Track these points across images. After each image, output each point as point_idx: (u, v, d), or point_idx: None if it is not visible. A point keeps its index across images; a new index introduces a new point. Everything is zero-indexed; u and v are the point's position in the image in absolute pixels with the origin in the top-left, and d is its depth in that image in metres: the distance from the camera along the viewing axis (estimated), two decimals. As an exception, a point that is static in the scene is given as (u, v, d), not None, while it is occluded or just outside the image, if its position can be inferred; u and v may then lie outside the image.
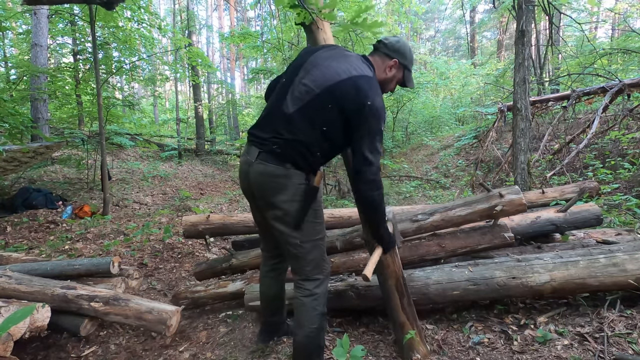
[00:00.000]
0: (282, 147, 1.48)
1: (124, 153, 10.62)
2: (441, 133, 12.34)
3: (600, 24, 13.73)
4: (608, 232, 2.75)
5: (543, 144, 5.96)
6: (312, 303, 1.60)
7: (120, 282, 2.71)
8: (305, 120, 1.47)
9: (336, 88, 1.45)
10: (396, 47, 1.62)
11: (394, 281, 1.75)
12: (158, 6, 23.88)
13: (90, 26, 5.58)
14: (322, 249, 1.65)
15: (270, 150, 1.50)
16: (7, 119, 5.09)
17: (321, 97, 1.46)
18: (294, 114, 1.48)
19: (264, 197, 1.56)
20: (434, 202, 6.20)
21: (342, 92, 1.44)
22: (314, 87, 1.47)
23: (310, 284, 1.62)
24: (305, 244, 1.57)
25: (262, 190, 1.55)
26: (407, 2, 9.08)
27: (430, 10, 23.29)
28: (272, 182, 1.51)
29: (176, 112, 13.62)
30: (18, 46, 12.42)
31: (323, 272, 1.65)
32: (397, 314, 1.76)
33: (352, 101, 1.44)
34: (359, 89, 1.44)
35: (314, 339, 1.61)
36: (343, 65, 1.49)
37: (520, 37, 4.45)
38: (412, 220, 2.33)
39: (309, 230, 1.56)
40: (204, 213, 3.04)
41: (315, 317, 1.60)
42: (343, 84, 1.45)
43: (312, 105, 1.47)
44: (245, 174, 1.61)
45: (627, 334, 1.67)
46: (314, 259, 1.61)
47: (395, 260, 1.76)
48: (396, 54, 1.61)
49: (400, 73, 1.66)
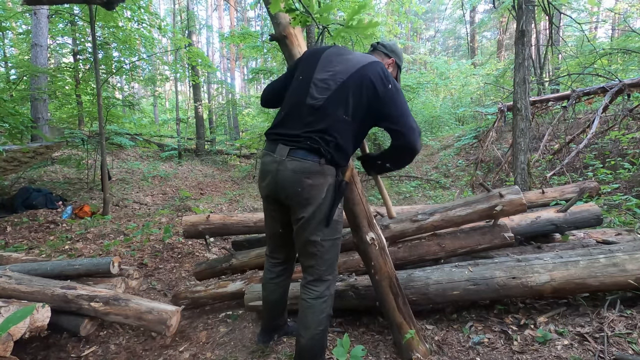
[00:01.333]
0: (315, 141, 1.48)
1: (124, 153, 10.62)
2: (441, 133, 12.34)
3: (600, 24, 13.74)
4: (608, 232, 2.75)
5: (543, 144, 5.96)
6: (321, 306, 1.60)
7: (120, 282, 2.71)
8: (335, 108, 1.50)
9: (362, 73, 1.52)
10: (393, 48, 1.82)
11: (388, 282, 1.76)
12: (158, 6, 23.88)
13: (90, 26, 5.58)
14: (338, 249, 1.65)
15: (304, 147, 1.49)
16: (7, 119, 5.10)
17: (348, 83, 1.51)
18: (323, 104, 1.50)
19: (297, 195, 1.51)
20: (434, 202, 6.20)
21: (370, 74, 1.52)
22: (339, 77, 1.53)
23: (322, 286, 1.62)
24: (326, 242, 1.57)
25: (295, 187, 1.50)
26: (407, 2, 9.08)
27: (430, 10, 23.30)
28: (306, 179, 1.49)
29: (176, 112, 13.62)
30: (18, 46, 12.42)
31: (333, 273, 1.66)
32: (393, 315, 1.77)
33: (381, 81, 1.52)
34: (383, 70, 1.56)
35: (319, 341, 1.62)
36: (358, 56, 1.60)
37: (520, 37, 4.45)
38: (412, 220, 2.32)
39: (332, 228, 1.57)
40: (204, 213, 3.04)
41: (323, 320, 1.60)
42: (367, 68, 1.53)
43: (341, 93, 1.51)
44: (273, 173, 1.55)
45: (627, 334, 1.67)
46: (329, 259, 1.62)
47: (387, 261, 1.76)
48: (393, 54, 1.81)
49: (395, 71, 1.83)
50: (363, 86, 1.50)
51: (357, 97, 1.50)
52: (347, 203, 1.74)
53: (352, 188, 1.73)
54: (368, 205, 1.80)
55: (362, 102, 1.51)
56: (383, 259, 1.76)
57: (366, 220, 1.76)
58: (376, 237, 1.75)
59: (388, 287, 1.76)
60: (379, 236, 1.78)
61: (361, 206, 1.75)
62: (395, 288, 1.77)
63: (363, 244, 1.76)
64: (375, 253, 1.75)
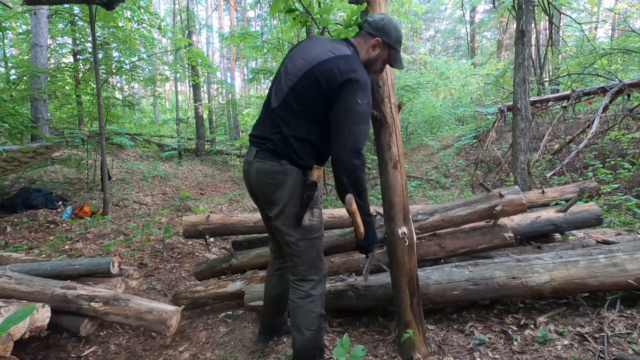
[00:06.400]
0: (275, 143, 1.50)
1: (124, 153, 10.61)
2: (441, 133, 12.34)
3: (600, 24, 13.73)
4: (608, 232, 2.75)
5: (543, 144, 5.95)
6: (308, 305, 1.58)
7: (120, 282, 2.71)
8: (288, 111, 1.48)
9: (312, 73, 1.44)
10: (379, 25, 1.54)
11: (407, 279, 1.73)
12: (158, 6, 23.88)
13: (90, 26, 5.57)
14: (318, 249, 1.62)
15: (266, 148, 1.53)
16: (7, 119, 5.10)
17: (299, 84, 1.46)
18: (277, 107, 1.51)
19: (264, 195, 1.59)
20: (434, 202, 6.20)
21: (321, 74, 1.43)
22: (292, 77, 1.48)
23: (306, 285, 1.61)
24: (301, 242, 1.56)
25: (261, 187, 1.58)
26: (407, 2, 9.07)
27: (430, 10, 23.28)
28: (269, 179, 1.53)
29: (176, 112, 13.62)
30: (18, 46, 12.42)
31: (318, 272, 1.63)
32: (404, 312, 1.75)
33: (333, 80, 1.41)
34: (340, 68, 1.42)
35: (313, 342, 1.60)
36: (319, 50, 1.49)
37: (520, 37, 4.45)
38: (412, 220, 2.32)
39: (306, 228, 1.55)
40: (204, 213, 3.04)
41: (313, 320, 1.58)
42: (321, 65, 1.44)
43: (292, 96, 1.47)
44: (246, 173, 1.65)
45: (627, 334, 1.67)
46: (309, 259, 1.59)
47: (412, 258, 1.73)
48: (379, 32, 1.54)
49: (386, 52, 1.56)
50: (310, 87, 1.44)
51: (306, 98, 1.46)
52: (387, 192, 1.70)
53: (395, 177, 1.68)
54: (407, 199, 1.73)
55: (312, 103, 1.46)
56: (409, 256, 1.72)
57: (402, 214, 1.71)
58: (408, 232, 1.71)
59: (406, 284, 1.73)
60: (411, 232, 1.73)
61: (401, 198, 1.70)
62: (413, 287, 1.74)
63: (393, 236, 1.72)
64: (402, 248, 1.71)
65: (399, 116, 1.71)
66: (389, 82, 1.70)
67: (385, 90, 1.68)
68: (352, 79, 1.40)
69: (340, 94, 1.41)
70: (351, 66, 1.43)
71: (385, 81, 1.68)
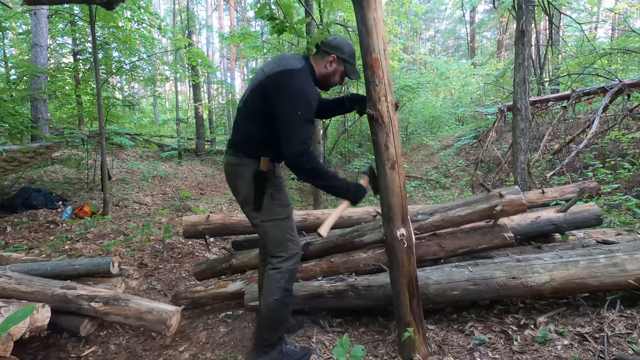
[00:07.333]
0: (236, 140, 1.80)
1: (124, 153, 10.62)
2: (441, 133, 12.34)
3: (600, 24, 13.73)
4: (608, 232, 2.74)
5: (543, 144, 5.96)
6: (275, 276, 1.75)
7: (120, 282, 2.71)
8: (245, 112, 1.77)
9: (262, 84, 1.70)
10: (333, 44, 1.79)
11: (407, 280, 1.72)
12: (158, 6, 23.86)
13: (90, 26, 5.58)
14: (282, 229, 1.79)
15: (230, 144, 1.83)
16: (7, 119, 5.10)
17: (253, 92, 1.73)
18: (240, 108, 1.81)
19: (231, 185, 1.84)
20: (434, 202, 6.20)
21: (268, 86, 1.67)
22: (252, 85, 1.77)
23: (274, 260, 1.78)
24: (265, 223, 1.77)
25: (229, 179, 1.85)
26: (407, 2, 9.07)
27: (430, 10, 23.27)
28: (232, 170, 1.81)
29: (176, 112, 13.61)
30: (18, 46, 12.43)
31: (287, 251, 1.79)
32: (404, 312, 1.74)
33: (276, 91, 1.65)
34: (282, 82, 1.65)
35: (273, 311, 1.73)
36: (274, 65, 1.72)
37: (520, 37, 4.44)
38: (412, 220, 2.32)
39: (267, 210, 1.76)
40: (204, 213, 3.05)
41: (275, 289, 1.73)
42: (270, 78, 1.68)
43: (250, 99, 1.74)
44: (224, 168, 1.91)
45: (627, 334, 1.67)
46: (275, 237, 1.78)
47: (411, 260, 1.72)
48: (334, 49, 1.78)
49: (342, 66, 1.81)
50: (260, 96, 1.69)
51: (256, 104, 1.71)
52: (385, 193, 1.69)
53: (393, 178, 1.66)
54: (405, 200, 1.72)
55: (262, 109, 1.70)
56: (408, 258, 1.71)
57: (400, 215, 1.69)
58: (406, 234, 1.70)
59: (406, 285, 1.72)
60: (410, 234, 1.72)
61: (399, 199, 1.68)
62: (412, 288, 1.73)
63: (392, 238, 1.71)
64: (401, 250, 1.70)
65: (397, 116, 1.69)
66: (386, 80, 1.62)
67: (382, 88, 1.61)
68: (291, 90, 1.64)
69: (279, 103, 1.64)
70: (292, 79, 1.65)
71: (381, 79, 1.61)
